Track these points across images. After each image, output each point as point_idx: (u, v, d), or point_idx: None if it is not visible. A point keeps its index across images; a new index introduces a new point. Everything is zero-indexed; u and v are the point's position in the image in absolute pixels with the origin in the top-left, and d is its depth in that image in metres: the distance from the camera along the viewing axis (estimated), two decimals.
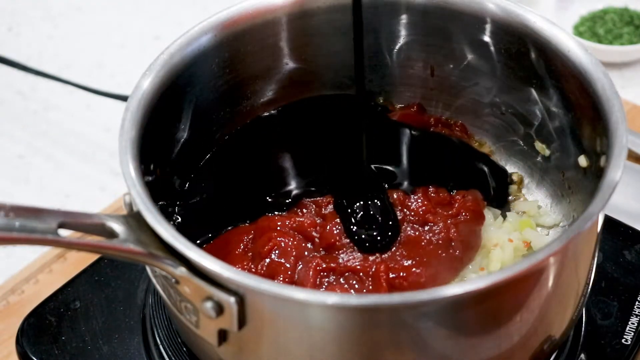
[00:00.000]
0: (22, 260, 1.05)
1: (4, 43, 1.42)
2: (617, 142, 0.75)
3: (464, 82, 0.96)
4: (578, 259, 0.75)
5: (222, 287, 0.68)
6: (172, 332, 0.87)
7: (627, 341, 0.87)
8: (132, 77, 0.83)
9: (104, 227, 0.70)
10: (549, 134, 0.91)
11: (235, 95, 0.94)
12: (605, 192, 0.71)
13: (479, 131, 0.98)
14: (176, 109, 0.87)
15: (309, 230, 0.86)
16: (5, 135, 1.27)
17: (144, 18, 1.47)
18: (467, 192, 0.90)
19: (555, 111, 0.89)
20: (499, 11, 0.88)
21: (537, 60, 0.87)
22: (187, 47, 0.86)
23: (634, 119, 1.19)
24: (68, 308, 0.91)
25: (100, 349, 0.88)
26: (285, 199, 0.90)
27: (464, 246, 0.85)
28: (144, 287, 0.93)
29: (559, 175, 0.91)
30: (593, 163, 0.83)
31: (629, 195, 1.06)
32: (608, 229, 0.95)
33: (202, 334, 0.73)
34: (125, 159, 0.75)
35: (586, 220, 0.70)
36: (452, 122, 0.98)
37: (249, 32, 0.90)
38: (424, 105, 0.99)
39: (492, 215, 0.90)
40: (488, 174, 0.95)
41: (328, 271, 0.82)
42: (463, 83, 0.96)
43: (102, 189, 1.19)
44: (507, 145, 0.97)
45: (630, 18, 1.34)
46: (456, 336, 0.71)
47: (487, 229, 0.88)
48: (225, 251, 0.86)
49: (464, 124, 0.98)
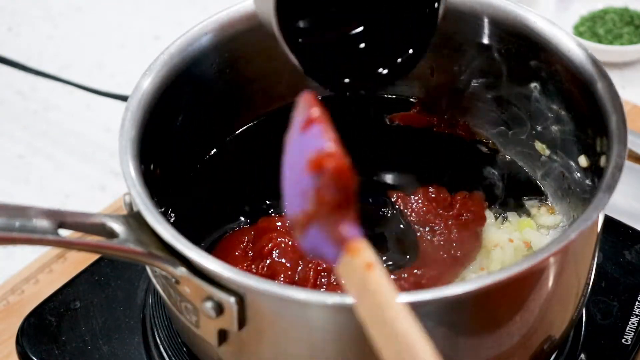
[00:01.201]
0: (22, 260, 1.05)
1: (4, 43, 1.42)
2: (617, 142, 0.75)
3: (464, 82, 0.96)
4: (578, 259, 0.75)
5: (222, 287, 0.68)
6: (172, 332, 0.87)
7: (627, 341, 0.87)
8: (132, 77, 0.83)
9: (104, 227, 0.70)
10: (549, 134, 0.91)
11: (235, 95, 0.94)
12: (605, 192, 0.71)
13: (478, 131, 0.98)
14: (176, 109, 0.87)
15: None
16: (5, 135, 1.27)
17: (144, 18, 1.47)
18: (469, 193, 0.90)
19: (555, 111, 0.89)
20: (499, 11, 0.88)
21: (537, 61, 0.87)
22: (187, 47, 0.86)
23: (634, 119, 1.19)
24: (68, 308, 0.91)
25: (100, 349, 0.88)
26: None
27: (464, 247, 0.85)
28: (144, 287, 0.93)
29: (559, 175, 0.91)
30: (593, 163, 0.83)
31: (629, 195, 1.06)
32: (608, 229, 0.95)
33: (202, 334, 0.73)
34: (125, 159, 0.75)
35: (586, 220, 0.70)
36: (455, 122, 0.98)
37: (249, 33, 0.90)
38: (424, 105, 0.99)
39: (493, 216, 0.90)
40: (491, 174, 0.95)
41: (328, 271, 0.82)
42: (463, 83, 0.96)
43: (102, 189, 1.19)
44: (507, 145, 0.96)
45: (630, 18, 1.34)
46: (456, 336, 0.71)
47: (487, 229, 0.88)
48: (226, 252, 0.86)
49: (467, 124, 0.98)
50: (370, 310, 0.57)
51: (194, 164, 0.93)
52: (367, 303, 0.58)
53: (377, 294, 0.57)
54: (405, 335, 0.55)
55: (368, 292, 0.57)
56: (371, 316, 0.57)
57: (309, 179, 0.59)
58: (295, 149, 0.63)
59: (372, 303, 0.57)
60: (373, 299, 0.57)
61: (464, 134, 0.97)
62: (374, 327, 0.57)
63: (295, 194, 0.62)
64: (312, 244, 0.61)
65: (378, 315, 0.56)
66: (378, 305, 0.56)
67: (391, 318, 0.56)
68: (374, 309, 0.57)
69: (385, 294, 0.57)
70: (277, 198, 0.91)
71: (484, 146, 0.98)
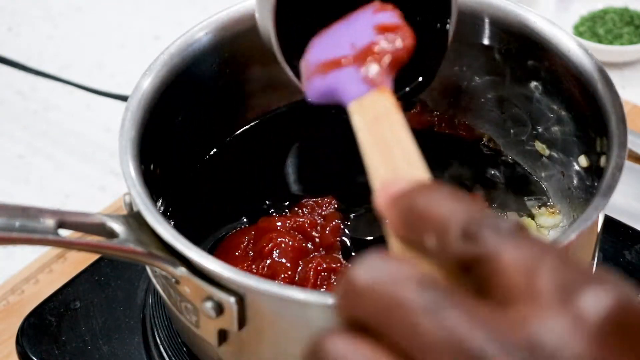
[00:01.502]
0: (22, 260, 1.05)
1: (4, 43, 1.42)
2: (617, 142, 0.75)
3: (463, 82, 0.96)
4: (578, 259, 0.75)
5: (222, 287, 0.68)
6: (172, 332, 0.87)
7: None
8: (132, 77, 0.83)
9: (104, 227, 0.70)
10: (549, 134, 0.91)
11: (236, 95, 0.94)
12: (605, 192, 0.71)
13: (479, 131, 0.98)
14: (176, 109, 0.87)
15: (309, 231, 0.86)
16: (5, 135, 1.27)
17: (144, 18, 1.47)
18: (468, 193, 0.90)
19: (555, 111, 0.89)
20: (499, 11, 0.88)
21: (537, 61, 0.87)
22: (187, 47, 0.86)
23: (634, 119, 1.19)
24: (68, 308, 0.91)
25: (100, 349, 0.88)
26: (285, 200, 0.90)
27: None
28: (144, 287, 0.93)
29: (559, 175, 0.91)
30: (593, 163, 0.83)
31: (629, 195, 1.06)
32: (608, 229, 0.95)
33: (202, 334, 0.73)
34: (125, 159, 0.75)
35: (586, 220, 0.70)
36: (457, 121, 0.98)
37: (249, 32, 0.90)
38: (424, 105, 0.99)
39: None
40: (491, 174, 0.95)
41: (328, 271, 0.82)
42: (462, 83, 0.96)
43: (102, 189, 1.19)
44: (507, 145, 0.97)
45: (630, 18, 1.34)
46: None
47: None
48: (226, 252, 0.86)
49: (468, 124, 0.97)
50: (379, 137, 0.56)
51: (194, 164, 0.93)
52: (377, 132, 0.57)
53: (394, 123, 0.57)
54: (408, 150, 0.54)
55: (383, 121, 0.58)
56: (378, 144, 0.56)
57: (370, 34, 0.66)
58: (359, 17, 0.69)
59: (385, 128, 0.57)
60: (385, 125, 0.57)
61: (464, 134, 0.97)
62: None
63: (335, 44, 0.68)
64: (331, 84, 0.65)
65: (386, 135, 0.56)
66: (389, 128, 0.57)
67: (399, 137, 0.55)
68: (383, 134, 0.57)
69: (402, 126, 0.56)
70: (277, 198, 0.91)
71: (484, 146, 0.98)
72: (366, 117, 0.59)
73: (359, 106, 0.61)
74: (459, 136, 0.97)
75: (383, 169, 0.54)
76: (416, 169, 0.53)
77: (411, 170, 0.53)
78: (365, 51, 0.65)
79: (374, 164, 0.54)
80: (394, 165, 0.54)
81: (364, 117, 0.60)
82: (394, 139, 0.55)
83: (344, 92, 0.63)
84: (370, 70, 0.64)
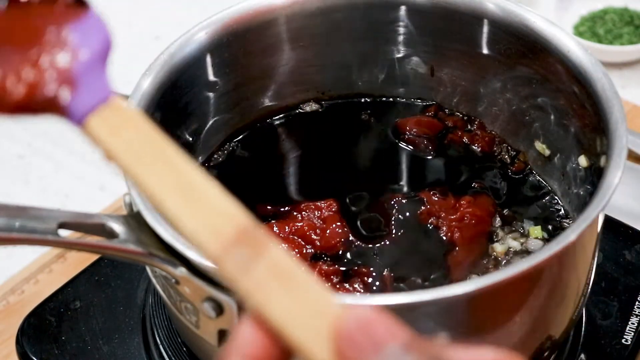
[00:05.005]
0: (22, 260, 1.05)
1: None
2: (617, 142, 0.75)
3: (463, 82, 0.96)
4: (578, 259, 0.75)
5: (222, 287, 0.68)
6: (172, 332, 0.87)
7: (627, 341, 0.87)
8: (132, 77, 0.83)
9: (104, 227, 0.70)
10: (549, 134, 0.91)
11: (235, 95, 0.94)
12: (605, 192, 0.71)
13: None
14: (176, 109, 0.87)
15: (308, 234, 0.85)
16: (5, 135, 1.27)
17: (144, 18, 1.47)
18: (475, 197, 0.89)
19: (555, 111, 0.89)
20: (499, 11, 0.88)
21: (537, 61, 0.87)
22: (187, 47, 0.86)
23: (634, 119, 1.19)
24: (68, 308, 0.92)
25: (100, 349, 0.88)
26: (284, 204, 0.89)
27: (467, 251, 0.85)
28: (144, 287, 0.93)
29: (559, 175, 0.91)
30: (593, 163, 0.83)
31: (629, 195, 1.06)
32: (608, 229, 0.95)
33: (202, 334, 0.73)
34: None
35: (586, 220, 0.70)
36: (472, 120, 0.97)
37: (249, 33, 0.90)
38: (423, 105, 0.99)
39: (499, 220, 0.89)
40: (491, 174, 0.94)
41: (328, 272, 0.82)
42: (462, 83, 0.96)
43: (102, 189, 1.19)
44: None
45: (630, 18, 1.34)
46: (456, 336, 0.71)
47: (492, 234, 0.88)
48: None
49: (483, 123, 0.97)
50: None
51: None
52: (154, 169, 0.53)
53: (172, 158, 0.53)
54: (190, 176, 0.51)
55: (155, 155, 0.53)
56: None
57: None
58: None
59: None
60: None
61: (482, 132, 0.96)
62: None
63: None
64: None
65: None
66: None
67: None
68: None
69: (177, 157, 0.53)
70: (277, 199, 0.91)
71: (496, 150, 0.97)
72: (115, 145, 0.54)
73: (95, 128, 0.56)
74: (464, 140, 0.96)
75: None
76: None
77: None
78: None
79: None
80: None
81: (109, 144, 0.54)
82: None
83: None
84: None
